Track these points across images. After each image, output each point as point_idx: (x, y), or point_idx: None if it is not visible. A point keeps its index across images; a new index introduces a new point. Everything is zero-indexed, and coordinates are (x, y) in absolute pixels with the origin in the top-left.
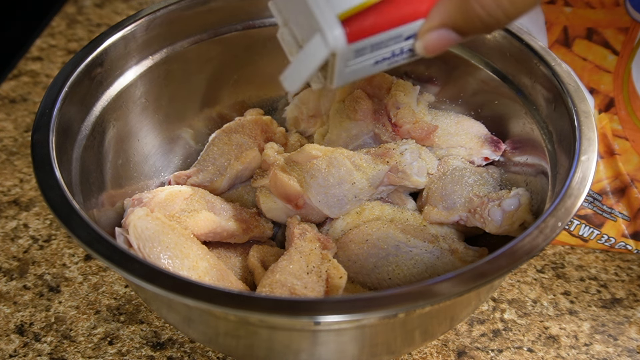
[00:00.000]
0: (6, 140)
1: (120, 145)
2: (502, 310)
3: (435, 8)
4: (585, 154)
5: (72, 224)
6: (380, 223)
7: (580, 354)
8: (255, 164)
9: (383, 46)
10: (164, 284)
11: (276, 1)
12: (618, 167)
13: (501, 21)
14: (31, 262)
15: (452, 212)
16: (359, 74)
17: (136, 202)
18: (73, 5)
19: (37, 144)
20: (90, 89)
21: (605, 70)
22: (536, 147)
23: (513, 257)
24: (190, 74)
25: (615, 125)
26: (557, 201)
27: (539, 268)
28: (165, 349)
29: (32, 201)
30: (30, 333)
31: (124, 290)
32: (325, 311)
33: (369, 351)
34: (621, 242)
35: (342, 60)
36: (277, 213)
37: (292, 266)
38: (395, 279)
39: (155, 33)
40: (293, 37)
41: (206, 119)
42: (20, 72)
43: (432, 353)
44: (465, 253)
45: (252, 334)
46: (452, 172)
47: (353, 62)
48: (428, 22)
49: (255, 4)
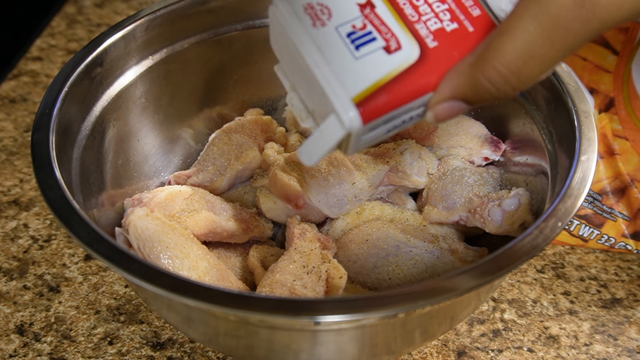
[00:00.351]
0: (6, 140)
1: (120, 145)
2: (502, 310)
3: (444, 81)
4: (585, 154)
5: (72, 224)
6: (380, 223)
7: (580, 354)
8: (255, 164)
9: (395, 118)
10: (164, 284)
11: (282, 66)
12: (618, 167)
13: (509, 94)
14: (31, 262)
15: (452, 212)
16: (372, 142)
17: (136, 202)
18: (73, 5)
19: (37, 144)
20: (90, 89)
21: (605, 70)
22: (536, 147)
23: (513, 257)
24: (190, 74)
25: (615, 125)
26: (557, 201)
27: (539, 268)
28: (165, 349)
29: (32, 201)
30: (30, 333)
31: (124, 290)
32: (325, 311)
33: (369, 351)
34: (621, 242)
35: (357, 137)
36: (277, 213)
37: (292, 266)
38: (395, 279)
39: (155, 33)
40: (302, 104)
41: (206, 119)
42: (20, 72)
43: (432, 353)
44: (465, 253)
45: (252, 334)
46: (452, 172)
47: (367, 136)
48: (438, 95)
49: (255, 4)
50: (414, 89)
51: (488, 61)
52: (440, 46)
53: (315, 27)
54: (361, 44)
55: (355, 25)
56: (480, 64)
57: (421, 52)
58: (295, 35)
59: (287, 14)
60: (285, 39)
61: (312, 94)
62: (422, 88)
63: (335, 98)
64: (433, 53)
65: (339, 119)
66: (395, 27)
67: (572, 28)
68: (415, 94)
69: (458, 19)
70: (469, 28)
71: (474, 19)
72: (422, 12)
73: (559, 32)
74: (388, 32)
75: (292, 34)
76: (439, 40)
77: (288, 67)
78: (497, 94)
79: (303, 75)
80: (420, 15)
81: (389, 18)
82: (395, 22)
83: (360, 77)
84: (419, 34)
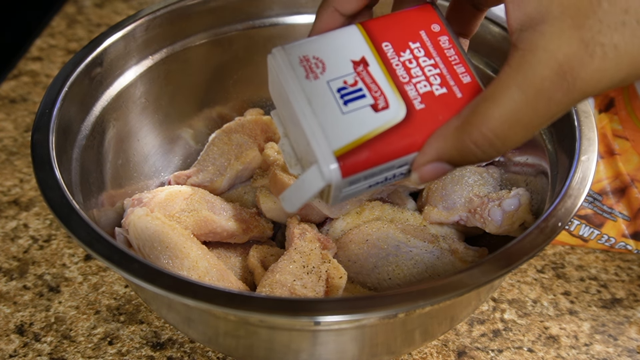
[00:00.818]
0: (6, 140)
1: (120, 145)
2: (502, 310)
3: (429, 143)
4: (585, 154)
5: (72, 224)
6: (381, 223)
7: (580, 354)
8: (255, 164)
9: (376, 175)
10: (164, 284)
11: (278, 112)
12: (618, 167)
13: (493, 156)
14: (31, 262)
15: (452, 212)
16: (353, 196)
17: (136, 202)
18: (73, 5)
19: (37, 144)
20: (90, 88)
21: None
22: (536, 147)
23: (513, 257)
24: (190, 74)
25: (615, 125)
26: (557, 201)
27: (539, 268)
28: (165, 349)
29: (32, 201)
30: (30, 333)
31: (124, 290)
32: (325, 311)
33: (369, 351)
34: (621, 242)
35: (337, 189)
36: (277, 213)
37: (292, 266)
38: (395, 279)
39: (155, 33)
40: (293, 151)
41: (206, 119)
42: (20, 72)
43: (432, 353)
44: (465, 253)
45: (252, 334)
46: (452, 172)
47: (347, 189)
48: (423, 156)
49: (255, 4)
50: (397, 148)
51: (475, 125)
52: (426, 109)
53: (308, 79)
54: (350, 99)
55: (346, 81)
56: (467, 128)
57: (407, 112)
58: (287, 84)
59: (283, 64)
60: (280, 87)
61: (300, 143)
62: (405, 148)
63: (318, 149)
64: (419, 114)
65: (319, 170)
66: (386, 86)
67: (555, 98)
68: (397, 153)
69: (448, 84)
70: (457, 94)
71: (464, 85)
72: (413, 74)
73: (543, 101)
74: (378, 91)
75: (285, 83)
76: (426, 103)
77: (282, 114)
78: (482, 156)
79: (293, 123)
80: (411, 77)
81: (380, 77)
82: (385, 82)
83: (345, 132)
84: (407, 95)
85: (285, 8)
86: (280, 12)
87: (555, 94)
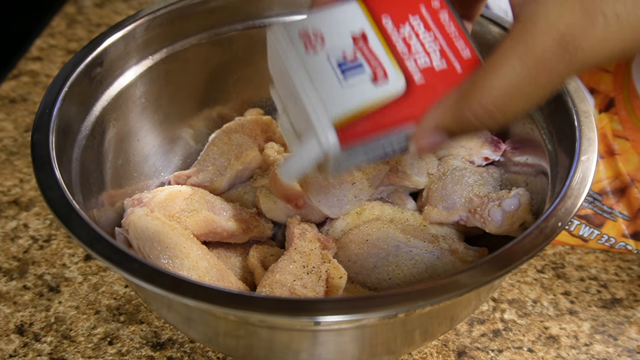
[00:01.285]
0: (6, 140)
1: (120, 145)
2: (502, 310)
3: (429, 114)
4: (585, 154)
5: (72, 224)
6: (380, 223)
7: (580, 354)
8: (255, 164)
9: (375, 147)
10: (164, 284)
11: (276, 89)
12: (618, 167)
13: (491, 128)
14: (31, 262)
15: (452, 212)
16: (351, 168)
17: (136, 202)
18: (73, 5)
19: (37, 144)
20: (90, 88)
21: (605, 70)
22: (536, 147)
23: (513, 257)
24: (190, 74)
25: (615, 125)
26: (557, 201)
27: (539, 268)
28: (165, 349)
29: (32, 201)
30: (30, 333)
31: (124, 290)
32: (325, 311)
33: (369, 351)
34: (621, 242)
35: (335, 161)
36: (277, 213)
37: (292, 266)
38: (395, 279)
39: (155, 33)
40: (292, 127)
41: (206, 119)
42: (20, 72)
43: (432, 353)
44: (465, 253)
45: (252, 334)
46: (452, 172)
47: (346, 161)
48: (422, 127)
49: (255, 4)
50: (395, 120)
51: (475, 97)
52: (426, 83)
53: (308, 53)
54: (350, 73)
55: (346, 55)
56: (467, 99)
57: (407, 86)
58: (287, 59)
59: (283, 38)
60: (280, 62)
61: (299, 118)
62: (404, 118)
63: (317, 120)
64: (418, 89)
65: (318, 140)
66: (385, 60)
67: (556, 69)
68: (395, 125)
69: (448, 59)
70: (457, 69)
71: (464, 60)
72: (413, 49)
73: (544, 72)
74: (377, 64)
75: (284, 58)
76: (426, 78)
77: (281, 90)
78: (481, 127)
79: (293, 98)
80: (411, 51)
81: (380, 51)
82: (385, 56)
83: (344, 104)
84: (407, 70)
85: (285, 8)
86: (280, 12)
87: (557, 65)
